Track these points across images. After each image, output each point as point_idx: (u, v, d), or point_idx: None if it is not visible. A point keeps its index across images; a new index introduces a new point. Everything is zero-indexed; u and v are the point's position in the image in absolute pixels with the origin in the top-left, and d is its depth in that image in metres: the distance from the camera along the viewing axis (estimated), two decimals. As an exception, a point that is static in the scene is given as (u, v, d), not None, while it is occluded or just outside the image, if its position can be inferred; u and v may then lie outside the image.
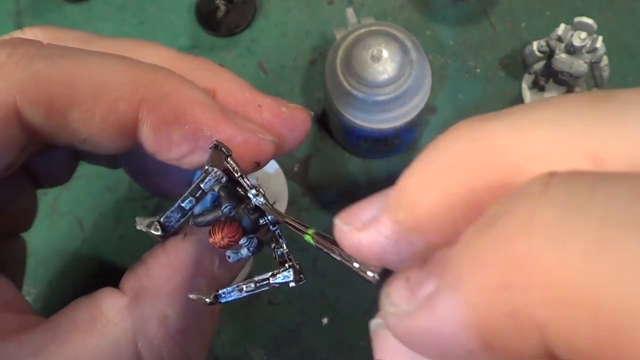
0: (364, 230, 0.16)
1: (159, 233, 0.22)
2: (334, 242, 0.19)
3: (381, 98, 0.41)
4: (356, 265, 0.18)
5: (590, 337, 0.10)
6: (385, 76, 0.41)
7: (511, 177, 0.13)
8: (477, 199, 0.14)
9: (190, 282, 0.24)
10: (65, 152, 0.30)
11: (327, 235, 0.20)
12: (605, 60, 0.46)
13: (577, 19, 0.43)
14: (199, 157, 0.24)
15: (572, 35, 0.43)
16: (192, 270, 0.24)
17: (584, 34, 0.43)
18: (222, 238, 0.22)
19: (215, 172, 0.21)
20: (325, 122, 0.49)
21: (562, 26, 0.44)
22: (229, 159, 0.22)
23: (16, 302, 0.24)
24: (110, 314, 0.22)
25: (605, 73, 0.46)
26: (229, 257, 0.23)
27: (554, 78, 0.47)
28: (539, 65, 0.48)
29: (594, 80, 0.47)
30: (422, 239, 0.15)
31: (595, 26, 0.43)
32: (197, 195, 0.22)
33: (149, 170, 0.31)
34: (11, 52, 0.22)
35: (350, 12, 0.46)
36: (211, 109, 0.24)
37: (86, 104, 0.22)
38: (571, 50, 0.44)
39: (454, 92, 0.50)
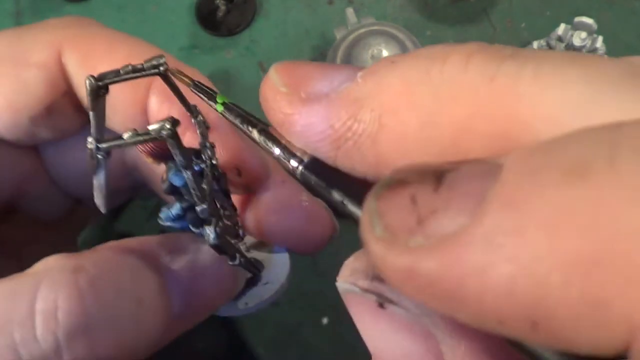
0: (308, 104, 0.12)
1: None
2: (249, 119, 0.16)
3: (381, 98, 0.41)
4: (277, 151, 0.14)
5: None
6: (385, 76, 0.41)
7: (516, 134, 0.11)
8: (465, 139, 0.11)
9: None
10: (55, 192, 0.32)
11: (240, 109, 0.16)
12: (605, 60, 0.46)
13: (577, 19, 0.43)
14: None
15: (572, 35, 0.43)
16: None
17: (584, 34, 0.43)
18: (149, 144, 0.20)
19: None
20: (325, 122, 0.49)
21: (562, 26, 0.44)
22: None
23: None
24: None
25: (605, 73, 0.46)
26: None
27: (554, 78, 0.47)
28: (539, 65, 0.48)
29: (594, 80, 0.47)
30: (377, 152, 0.12)
31: (595, 26, 0.43)
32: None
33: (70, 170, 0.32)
34: (69, 19, 0.28)
35: (350, 12, 0.46)
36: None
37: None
38: (571, 50, 0.44)
39: (454, 92, 0.50)
